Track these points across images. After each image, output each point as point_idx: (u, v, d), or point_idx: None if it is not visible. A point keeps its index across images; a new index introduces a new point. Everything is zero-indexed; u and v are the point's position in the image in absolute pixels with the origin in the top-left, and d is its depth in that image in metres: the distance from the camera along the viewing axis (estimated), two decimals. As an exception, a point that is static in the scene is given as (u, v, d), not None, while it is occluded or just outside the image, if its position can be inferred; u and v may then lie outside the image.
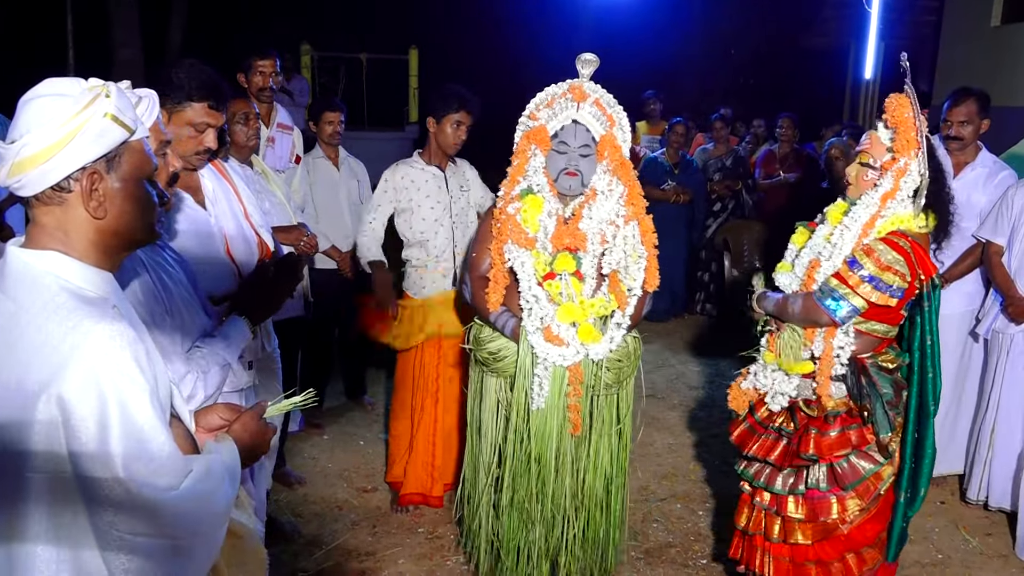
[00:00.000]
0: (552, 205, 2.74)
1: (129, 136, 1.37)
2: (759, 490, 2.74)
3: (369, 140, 9.39)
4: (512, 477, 2.78)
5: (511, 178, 2.77)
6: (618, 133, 2.77)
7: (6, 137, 1.33)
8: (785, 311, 2.63)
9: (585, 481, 2.81)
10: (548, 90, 2.78)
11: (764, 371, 2.73)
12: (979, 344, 4.00)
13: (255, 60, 4.22)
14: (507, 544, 2.84)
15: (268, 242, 2.68)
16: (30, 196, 1.34)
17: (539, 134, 2.73)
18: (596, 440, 2.81)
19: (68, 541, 1.26)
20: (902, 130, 2.52)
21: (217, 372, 1.94)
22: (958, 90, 3.94)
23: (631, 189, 2.74)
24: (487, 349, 2.84)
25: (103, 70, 8.53)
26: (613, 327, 2.70)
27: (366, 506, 3.84)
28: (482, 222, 2.93)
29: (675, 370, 5.94)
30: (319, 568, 3.31)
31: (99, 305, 1.31)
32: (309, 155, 4.58)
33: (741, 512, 2.85)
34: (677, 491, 4.04)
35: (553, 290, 2.67)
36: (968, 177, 3.93)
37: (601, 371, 2.73)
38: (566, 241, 2.70)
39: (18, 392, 1.24)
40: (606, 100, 2.77)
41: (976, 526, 3.77)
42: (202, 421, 1.62)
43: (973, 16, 7.71)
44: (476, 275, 2.84)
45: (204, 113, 2.27)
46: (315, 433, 4.64)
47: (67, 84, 1.35)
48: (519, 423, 2.74)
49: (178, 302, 1.91)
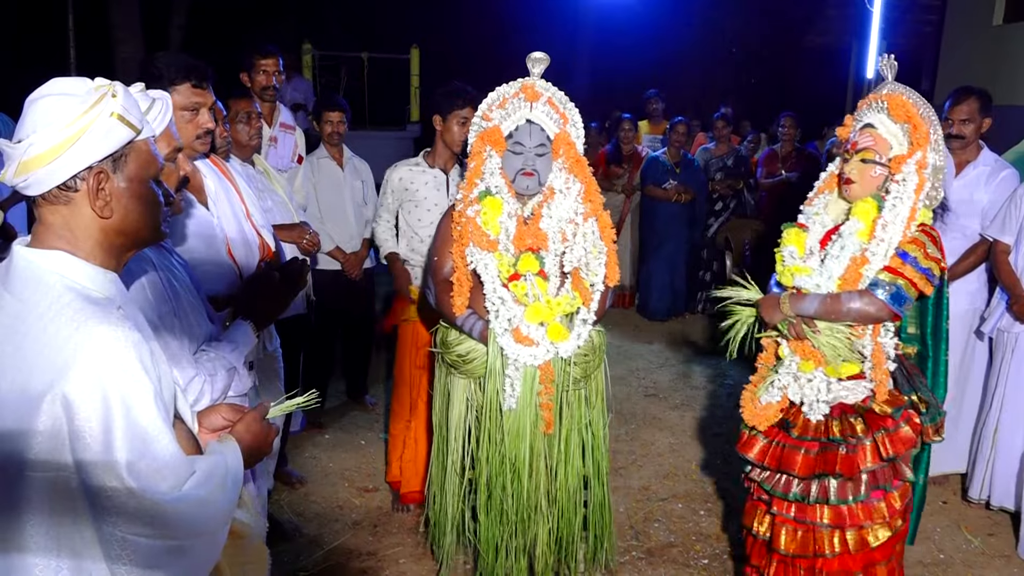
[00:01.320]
0: (511, 206, 2.75)
1: (135, 136, 1.37)
2: (779, 500, 2.68)
3: (370, 139, 9.39)
4: (486, 477, 2.79)
5: (468, 180, 2.78)
6: (571, 130, 2.80)
7: (12, 136, 1.33)
8: (837, 311, 2.53)
9: (557, 477, 2.83)
10: (499, 90, 2.79)
11: (799, 380, 2.63)
12: (983, 343, 4.00)
13: (257, 58, 4.22)
14: (485, 543, 2.84)
15: (269, 242, 2.68)
16: (37, 195, 1.34)
17: (493, 135, 2.74)
18: (567, 436, 2.83)
19: (69, 540, 1.26)
20: (916, 124, 2.53)
21: (223, 376, 1.95)
22: (959, 89, 3.93)
23: (588, 186, 2.77)
24: (455, 352, 2.85)
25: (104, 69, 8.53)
26: (579, 323, 2.73)
27: (367, 506, 3.84)
28: (441, 225, 2.93)
29: (676, 369, 5.94)
30: (320, 567, 3.31)
31: (104, 305, 1.31)
32: (313, 155, 4.57)
33: (756, 518, 2.80)
34: (678, 491, 4.03)
35: (519, 291, 2.69)
36: (970, 176, 3.93)
37: (570, 367, 2.75)
38: (528, 242, 2.72)
39: (23, 392, 1.24)
40: (559, 98, 2.80)
41: (978, 526, 3.77)
42: (205, 422, 1.62)
43: (975, 15, 7.70)
44: (439, 279, 2.84)
45: (190, 93, 2.29)
46: (316, 433, 4.64)
47: (74, 83, 1.35)
48: (491, 424, 2.75)
49: (185, 305, 1.92)
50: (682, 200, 6.88)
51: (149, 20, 9.65)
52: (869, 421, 2.58)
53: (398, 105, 11.78)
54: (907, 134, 2.56)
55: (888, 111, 2.57)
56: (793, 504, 2.65)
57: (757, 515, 2.80)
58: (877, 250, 2.54)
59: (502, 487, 2.75)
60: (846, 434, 2.57)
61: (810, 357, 2.59)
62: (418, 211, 3.69)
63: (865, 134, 2.60)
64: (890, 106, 2.56)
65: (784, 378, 2.67)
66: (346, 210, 4.58)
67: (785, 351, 2.66)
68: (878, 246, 2.54)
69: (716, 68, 14.39)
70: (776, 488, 2.68)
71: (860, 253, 2.55)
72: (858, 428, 2.58)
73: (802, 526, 2.65)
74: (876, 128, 2.60)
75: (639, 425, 4.90)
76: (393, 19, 13.51)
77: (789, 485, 2.65)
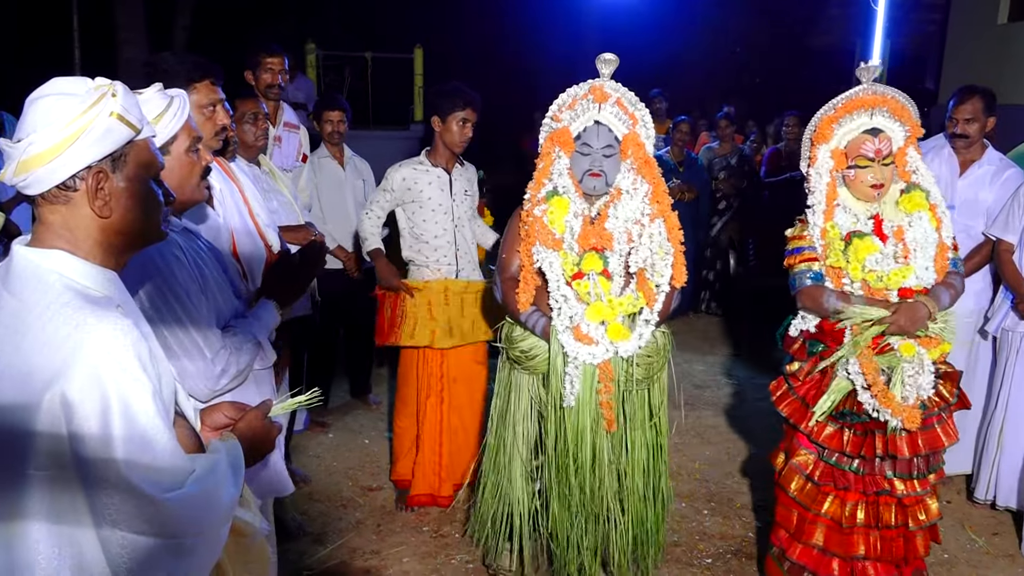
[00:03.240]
0: (578, 206, 2.76)
1: (135, 135, 1.37)
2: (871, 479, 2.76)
3: (374, 139, 9.38)
4: (553, 473, 2.79)
5: (536, 180, 2.79)
6: (641, 131, 2.79)
7: (14, 136, 1.33)
8: (955, 296, 2.78)
9: (626, 476, 2.83)
10: (569, 91, 2.80)
11: (923, 368, 2.70)
12: (987, 342, 3.99)
13: (263, 57, 4.22)
14: (558, 536, 2.83)
15: (273, 242, 2.68)
16: (36, 195, 1.34)
17: (562, 136, 2.75)
18: (632, 436, 2.83)
19: (70, 539, 1.26)
20: (912, 122, 2.74)
21: (249, 349, 2.01)
22: (963, 88, 3.93)
23: (656, 187, 2.76)
24: (519, 347, 2.88)
25: (109, 69, 8.55)
26: (641, 324, 2.72)
27: (371, 504, 3.85)
28: (509, 224, 2.97)
29: (680, 369, 5.89)
30: (324, 566, 3.32)
31: (103, 304, 1.31)
32: (314, 155, 4.58)
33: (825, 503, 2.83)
34: (682, 490, 4.03)
35: (581, 289, 2.70)
36: (975, 175, 3.92)
37: (632, 367, 2.75)
38: (593, 241, 2.73)
39: (22, 391, 1.24)
40: (628, 99, 2.80)
41: (983, 526, 3.76)
42: (208, 419, 1.62)
43: (980, 14, 7.68)
44: (506, 276, 2.88)
45: (208, 90, 2.30)
46: (320, 431, 4.65)
47: (73, 83, 1.35)
48: (555, 420, 2.77)
49: (212, 285, 1.98)
50: (685, 199, 6.87)
51: (153, 21, 9.67)
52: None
53: (402, 105, 11.77)
54: (904, 130, 2.75)
55: (890, 112, 2.73)
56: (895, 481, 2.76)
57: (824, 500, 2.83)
58: (947, 233, 2.77)
59: (569, 484, 2.76)
60: (940, 406, 2.75)
61: (934, 345, 2.73)
62: (422, 212, 3.69)
63: (883, 140, 2.72)
64: (891, 108, 2.73)
65: (913, 373, 2.70)
66: (347, 209, 4.58)
67: (918, 349, 2.70)
68: (946, 230, 2.77)
69: (719, 67, 14.40)
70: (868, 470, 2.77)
71: (939, 240, 2.74)
72: (944, 392, 2.77)
73: (908, 499, 2.77)
74: (885, 131, 2.73)
75: (672, 419, 4.88)
76: (397, 19, 13.51)
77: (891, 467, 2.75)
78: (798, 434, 2.84)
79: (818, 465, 2.81)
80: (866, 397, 2.67)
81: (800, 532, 2.85)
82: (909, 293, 2.70)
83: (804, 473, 2.83)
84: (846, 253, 2.73)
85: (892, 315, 2.65)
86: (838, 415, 2.76)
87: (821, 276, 2.79)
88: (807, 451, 2.84)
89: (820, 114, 2.83)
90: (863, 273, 2.72)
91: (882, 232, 2.76)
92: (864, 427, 2.73)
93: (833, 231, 2.76)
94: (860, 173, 2.73)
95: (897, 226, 2.76)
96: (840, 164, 2.77)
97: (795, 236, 2.88)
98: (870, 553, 2.80)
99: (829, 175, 2.78)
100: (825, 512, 2.80)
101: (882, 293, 2.72)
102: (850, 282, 2.74)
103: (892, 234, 2.75)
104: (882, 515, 2.77)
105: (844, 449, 2.75)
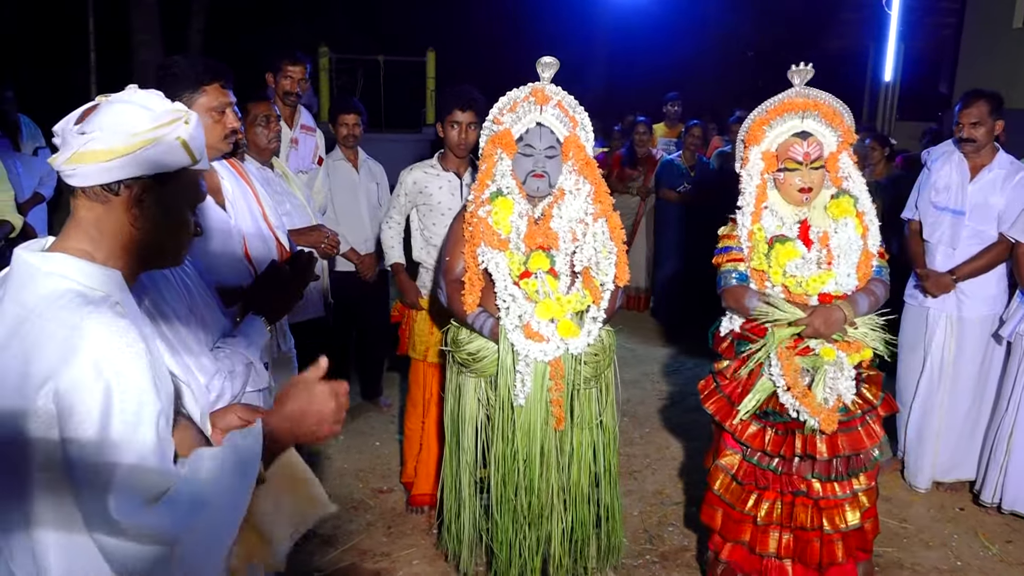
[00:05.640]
0: (522, 206, 2.80)
1: (191, 164, 1.41)
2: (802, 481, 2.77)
3: (386, 142, 9.41)
4: (500, 475, 2.81)
5: (480, 182, 2.83)
6: (581, 133, 2.86)
7: (34, 139, 1.35)
8: (875, 303, 2.76)
9: (570, 475, 2.86)
10: (510, 94, 2.84)
11: (842, 373, 2.71)
12: (1001, 347, 3.96)
13: (286, 64, 4.27)
14: (499, 542, 2.87)
15: (285, 244, 2.69)
16: (77, 187, 1.35)
17: (504, 138, 2.79)
18: (578, 434, 2.87)
19: (71, 537, 1.26)
20: (844, 126, 2.79)
21: (242, 371, 1.96)
22: (968, 92, 3.91)
23: (598, 187, 2.82)
24: (466, 350, 2.90)
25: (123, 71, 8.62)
26: (589, 321, 2.78)
27: (381, 507, 3.86)
28: (452, 226, 2.99)
29: (692, 373, 5.92)
30: (334, 568, 3.33)
31: (101, 303, 1.30)
32: (329, 157, 4.60)
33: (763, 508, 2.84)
34: (693, 495, 4.02)
35: (529, 288, 2.74)
36: (985, 179, 3.87)
37: (580, 365, 2.79)
38: (539, 240, 2.77)
39: (21, 393, 1.24)
40: (568, 102, 2.85)
41: (996, 533, 3.73)
42: (220, 422, 1.62)
43: (995, 18, 7.64)
44: (451, 279, 2.89)
45: (218, 93, 2.31)
46: (331, 433, 4.66)
47: (153, 99, 1.40)
48: (503, 421, 2.79)
49: (199, 302, 1.93)
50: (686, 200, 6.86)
51: (169, 23, 9.74)
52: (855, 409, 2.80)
53: (414, 107, 11.81)
54: (836, 135, 2.77)
55: (821, 116, 2.75)
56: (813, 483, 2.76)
57: (749, 499, 2.85)
58: (873, 241, 2.76)
59: (515, 484, 2.78)
60: (864, 408, 2.76)
61: (855, 350, 2.72)
62: (432, 215, 3.70)
63: (813, 144, 2.74)
64: (822, 113, 2.75)
65: (834, 376, 2.71)
66: (361, 212, 4.60)
67: (838, 353, 2.71)
68: (873, 237, 2.76)
69: (732, 71, 14.35)
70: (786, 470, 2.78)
71: (863, 247, 2.74)
72: (868, 395, 2.79)
73: (824, 501, 2.76)
74: (815, 135, 2.75)
75: (653, 429, 4.89)
76: (409, 22, 13.55)
77: (809, 468, 2.76)
78: (724, 434, 2.88)
79: (742, 465, 2.84)
80: (787, 398, 2.70)
81: (728, 531, 2.88)
82: (828, 299, 2.72)
83: (730, 473, 2.86)
84: (768, 257, 2.76)
85: (807, 317, 2.67)
86: (761, 414, 2.80)
87: (746, 277, 2.82)
88: (733, 451, 2.87)
89: (753, 115, 2.85)
90: (784, 278, 2.75)
91: (808, 237, 2.79)
92: (786, 427, 2.76)
93: (759, 233, 2.79)
94: (789, 176, 2.75)
95: (823, 232, 2.78)
96: (770, 166, 2.79)
97: (725, 235, 2.92)
98: (782, 552, 2.81)
99: (759, 177, 2.80)
100: (748, 511, 2.83)
101: (802, 298, 2.74)
102: (771, 285, 2.77)
103: (818, 239, 2.78)
104: (797, 515, 2.78)
105: (765, 448, 2.78)
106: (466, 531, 3.00)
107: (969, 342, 3.96)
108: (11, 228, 4.33)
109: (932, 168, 4.02)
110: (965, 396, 4.01)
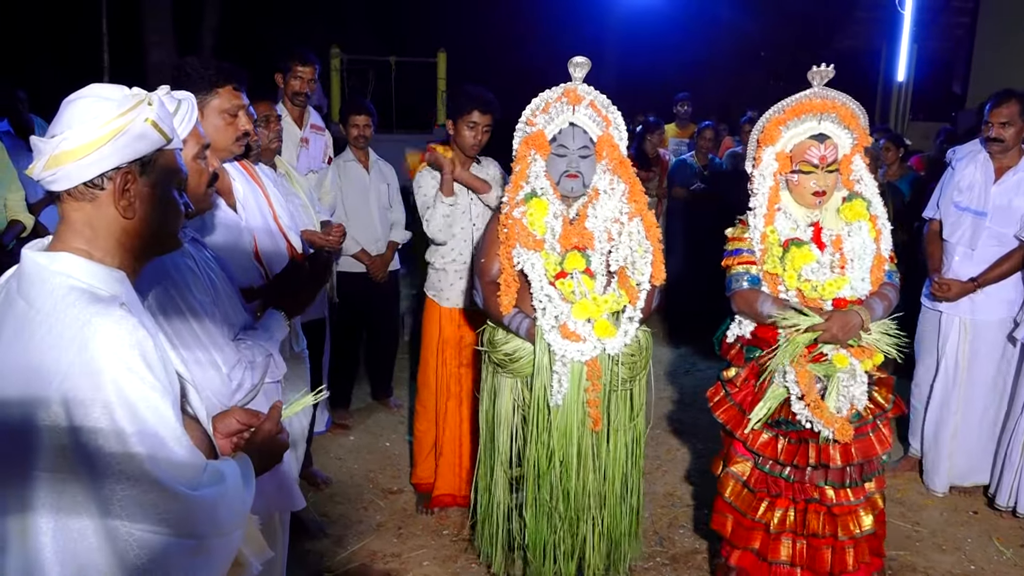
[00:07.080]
0: (557, 207, 2.79)
1: (166, 144, 1.41)
2: (816, 489, 2.75)
3: (398, 142, 9.43)
4: (535, 476, 2.79)
5: (514, 184, 2.82)
6: (615, 133, 2.84)
7: (46, 133, 1.36)
8: (889, 307, 2.74)
9: (606, 477, 2.84)
10: (543, 95, 2.83)
11: (856, 379, 2.69)
12: (1016, 350, 3.92)
13: (296, 65, 4.29)
14: (533, 545, 2.85)
15: (296, 244, 2.70)
16: (62, 191, 1.36)
17: (537, 139, 2.78)
18: (614, 436, 2.85)
19: (72, 535, 1.25)
20: (860, 129, 2.76)
21: (262, 363, 2.02)
22: (1000, 91, 3.85)
23: (632, 187, 2.80)
24: (502, 351, 2.89)
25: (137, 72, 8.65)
26: (626, 321, 2.76)
27: (391, 507, 3.85)
28: (488, 228, 2.99)
29: (704, 374, 5.90)
30: (345, 568, 3.33)
31: (108, 303, 1.31)
32: (339, 158, 4.60)
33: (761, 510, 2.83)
34: (704, 497, 4.00)
35: (565, 288, 2.72)
36: (1010, 182, 3.82)
37: (617, 366, 2.77)
38: (574, 240, 2.76)
39: (29, 389, 1.25)
40: (600, 101, 2.84)
41: (1010, 537, 3.70)
42: (220, 425, 1.62)
43: (1008, 17, 7.59)
44: (487, 280, 2.89)
45: (232, 96, 2.31)
46: (341, 434, 4.67)
47: (112, 89, 1.39)
48: (540, 421, 2.77)
49: (223, 296, 1.99)
50: None
51: (181, 24, 9.77)
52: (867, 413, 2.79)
53: (425, 108, 11.83)
54: (852, 137, 2.74)
55: (839, 119, 2.71)
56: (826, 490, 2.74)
57: (761, 507, 2.83)
58: (886, 245, 2.74)
59: (550, 486, 2.76)
60: (875, 413, 2.74)
61: (868, 356, 2.70)
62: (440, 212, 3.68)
63: (829, 147, 2.70)
64: (840, 115, 2.71)
65: (847, 384, 2.69)
66: (371, 213, 4.60)
67: (851, 359, 2.68)
68: (885, 241, 2.74)
69: (744, 71, 14.30)
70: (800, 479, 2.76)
71: (876, 251, 2.72)
72: (880, 398, 2.78)
73: (838, 508, 2.74)
74: (831, 138, 2.72)
75: (665, 430, 4.87)
76: (420, 23, 13.57)
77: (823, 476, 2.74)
78: (735, 441, 2.85)
79: (754, 472, 2.81)
80: (799, 407, 2.67)
81: (738, 537, 2.86)
82: (843, 303, 2.69)
83: (741, 480, 2.84)
84: (783, 260, 2.72)
85: (824, 323, 2.63)
86: (773, 423, 2.76)
87: (758, 280, 2.78)
88: (743, 458, 2.84)
89: (768, 115, 2.81)
90: (798, 282, 2.71)
91: (821, 240, 2.76)
92: (799, 435, 2.73)
93: (772, 236, 2.75)
94: (803, 179, 2.72)
95: (836, 235, 2.75)
96: (784, 167, 2.75)
97: (735, 237, 2.87)
98: (794, 560, 2.78)
99: (773, 178, 2.77)
100: (760, 518, 2.80)
101: (816, 303, 2.70)
102: (785, 289, 2.74)
103: (831, 243, 2.75)
104: (809, 523, 2.75)
105: (778, 457, 2.75)
106: (500, 533, 2.99)
107: (984, 345, 3.92)
108: (23, 228, 4.35)
109: (956, 167, 3.97)
110: (980, 399, 3.98)
